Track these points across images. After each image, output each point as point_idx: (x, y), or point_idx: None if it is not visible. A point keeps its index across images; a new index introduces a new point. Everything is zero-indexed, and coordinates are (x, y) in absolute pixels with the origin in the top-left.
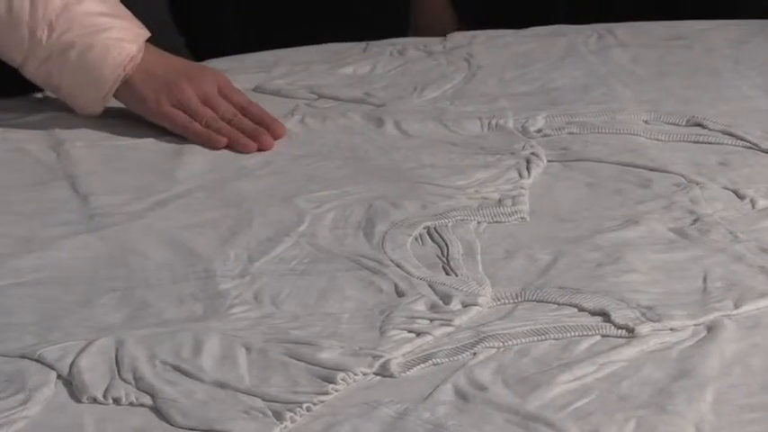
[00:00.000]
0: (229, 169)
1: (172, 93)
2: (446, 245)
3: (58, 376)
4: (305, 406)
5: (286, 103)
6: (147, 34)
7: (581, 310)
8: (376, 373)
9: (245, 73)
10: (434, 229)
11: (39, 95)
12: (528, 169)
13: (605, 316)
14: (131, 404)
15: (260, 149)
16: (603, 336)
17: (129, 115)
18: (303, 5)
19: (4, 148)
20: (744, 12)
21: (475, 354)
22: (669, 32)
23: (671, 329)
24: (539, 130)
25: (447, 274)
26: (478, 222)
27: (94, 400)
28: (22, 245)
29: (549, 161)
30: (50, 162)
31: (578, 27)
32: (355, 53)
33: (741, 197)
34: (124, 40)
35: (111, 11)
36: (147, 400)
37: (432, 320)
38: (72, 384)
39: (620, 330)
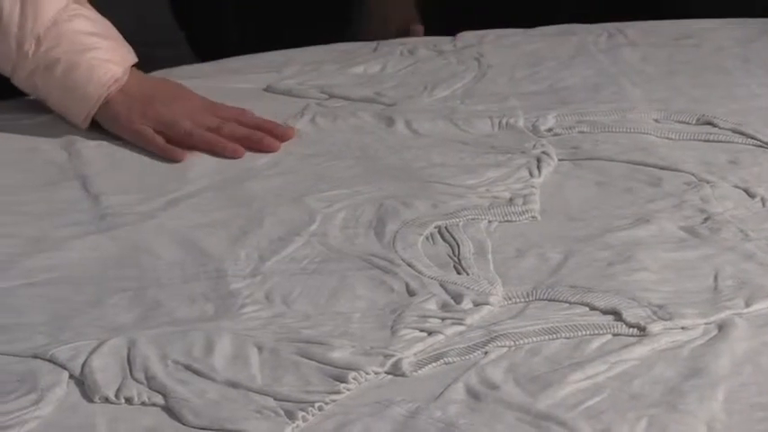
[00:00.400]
0: (240, 169)
1: (145, 110)
2: (457, 244)
3: (70, 376)
4: (317, 405)
5: (296, 103)
6: (134, 59)
7: (592, 308)
8: (387, 373)
9: (255, 73)
10: (445, 228)
11: None
12: (539, 168)
13: (616, 315)
14: (143, 404)
15: (265, 151)
16: (615, 334)
17: None
18: (302, 4)
19: (15, 147)
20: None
21: (486, 353)
22: (678, 31)
23: (682, 328)
24: (549, 129)
25: (458, 273)
26: (489, 221)
27: (106, 400)
28: (33, 245)
29: (559, 160)
30: (61, 162)
31: (588, 26)
32: (365, 53)
33: (752, 195)
34: (110, 62)
35: (101, 31)
36: (159, 399)
37: (443, 319)
38: (84, 384)
39: (631, 329)
